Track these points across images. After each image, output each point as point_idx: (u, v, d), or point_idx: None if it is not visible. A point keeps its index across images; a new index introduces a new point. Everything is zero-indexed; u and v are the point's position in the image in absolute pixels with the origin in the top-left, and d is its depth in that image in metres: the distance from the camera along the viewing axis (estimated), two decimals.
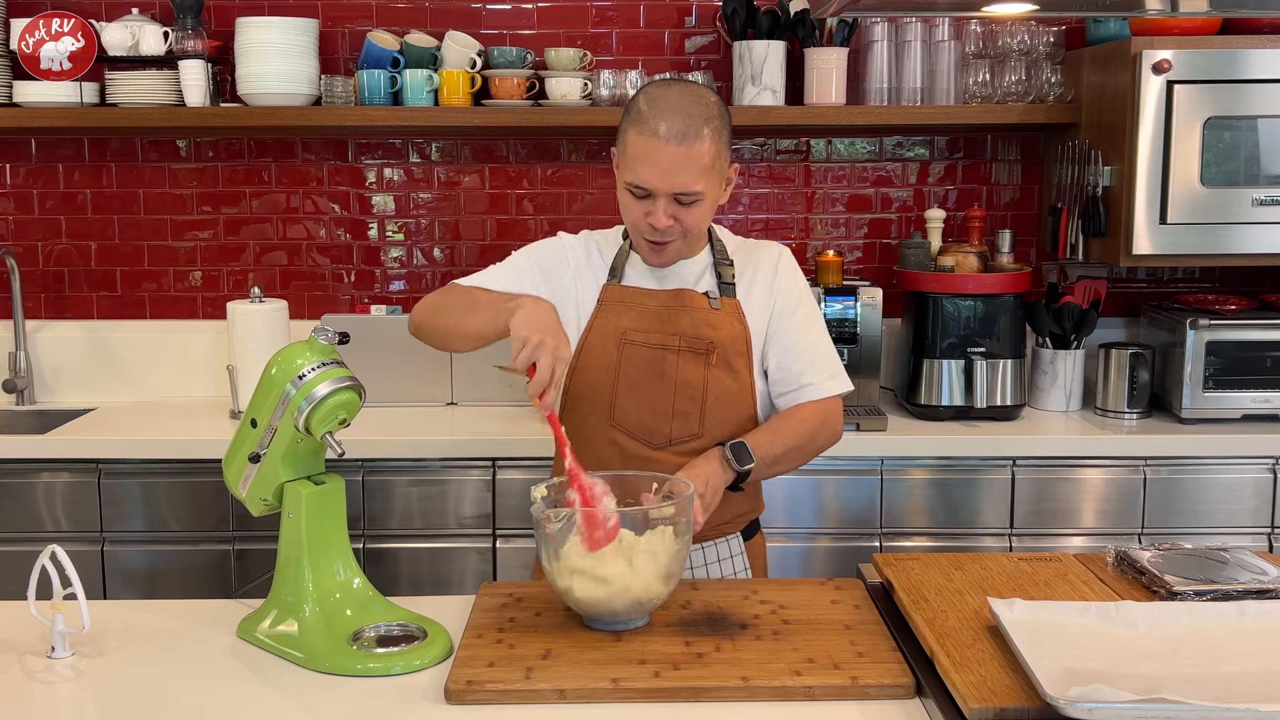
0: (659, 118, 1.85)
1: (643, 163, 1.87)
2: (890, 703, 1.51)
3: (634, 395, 2.00)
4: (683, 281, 2.03)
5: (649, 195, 1.89)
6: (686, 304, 2.01)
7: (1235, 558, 1.78)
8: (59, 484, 2.91)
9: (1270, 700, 1.31)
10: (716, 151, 1.89)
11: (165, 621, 1.80)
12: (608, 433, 2.01)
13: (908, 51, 3.24)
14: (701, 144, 1.86)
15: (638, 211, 1.92)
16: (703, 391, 1.99)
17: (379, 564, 2.92)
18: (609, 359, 2.00)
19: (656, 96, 1.89)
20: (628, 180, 1.90)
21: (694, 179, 1.87)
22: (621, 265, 2.04)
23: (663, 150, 1.85)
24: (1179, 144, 2.95)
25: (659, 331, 2.00)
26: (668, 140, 1.84)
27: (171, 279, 3.48)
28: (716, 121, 1.89)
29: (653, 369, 2.00)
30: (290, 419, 1.69)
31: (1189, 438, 2.97)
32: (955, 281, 3.11)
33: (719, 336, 2.00)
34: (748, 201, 3.48)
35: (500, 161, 3.45)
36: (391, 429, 2.96)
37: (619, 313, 2.02)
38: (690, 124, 1.85)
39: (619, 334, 2.01)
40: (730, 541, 2.09)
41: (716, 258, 2.05)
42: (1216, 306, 3.20)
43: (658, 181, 1.87)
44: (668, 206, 1.88)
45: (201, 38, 3.19)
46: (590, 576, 1.64)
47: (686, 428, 2.00)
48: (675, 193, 1.87)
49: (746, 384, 2.03)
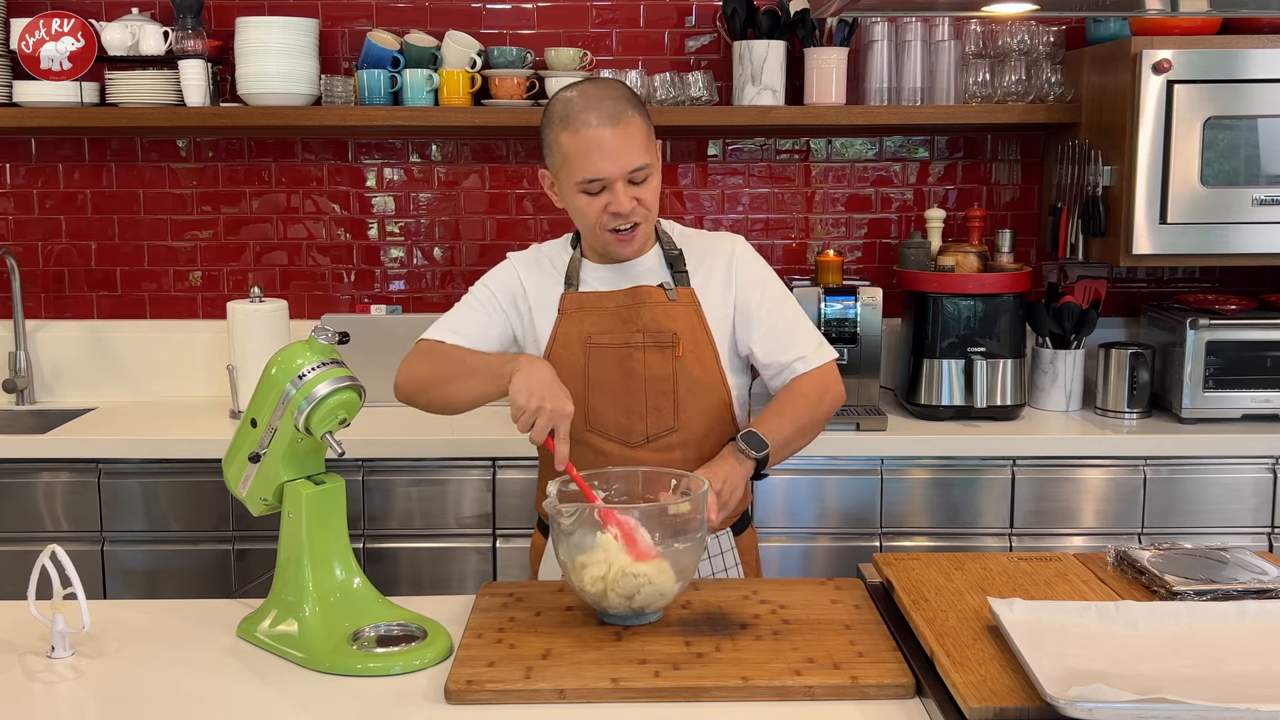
0: (586, 110, 1.90)
1: (590, 155, 1.90)
2: (890, 703, 1.51)
3: (606, 396, 2.02)
4: (638, 279, 2.05)
5: (604, 187, 1.92)
6: (644, 299, 2.03)
7: (1235, 558, 1.78)
8: (59, 484, 2.91)
9: (1270, 700, 1.31)
10: (646, 126, 1.95)
11: (165, 621, 1.80)
12: (585, 437, 2.02)
13: (908, 51, 3.24)
14: (633, 121, 1.92)
15: (596, 207, 1.94)
16: (673, 384, 2.01)
17: (379, 564, 2.92)
18: (576, 364, 2.02)
19: (571, 97, 1.94)
20: (579, 179, 1.92)
21: (639, 154, 1.92)
22: (576, 273, 2.06)
23: (603, 136, 1.89)
24: (1179, 144, 2.95)
25: (621, 330, 2.02)
26: (604, 125, 1.89)
27: (171, 279, 3.48)
28: (633, 99, 1.96)
29: (621, 367, 2.01)
30: (290, 419, 1.69)
31: (1189, 438, 2.97)
32: (955, 281, 3.11)
33: (679, 327, 2.02)
34: (747, 201, 3.48)
35: (500, 161, 3.45)
36: (391, 429, 2.95)
37: (580, 318, 2.04)
38: (616, 106, 1.91)
39: (583, 338, 2.03)
40: (720, 538, 2.10)
41: (665, 249, 2.07)
42: (1216, 306, 3.20)
43: (610, 167, 1.90)
44: (626, 189, 1.92)
45: (201, 37, 3.19)
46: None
47: (662, 422, 2.02)
48: (628, 171, 1.91)
49: (714, 372, 2.05)
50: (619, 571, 1.64)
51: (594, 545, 1.67)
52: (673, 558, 1.67)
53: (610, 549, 1.66)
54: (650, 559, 1.66)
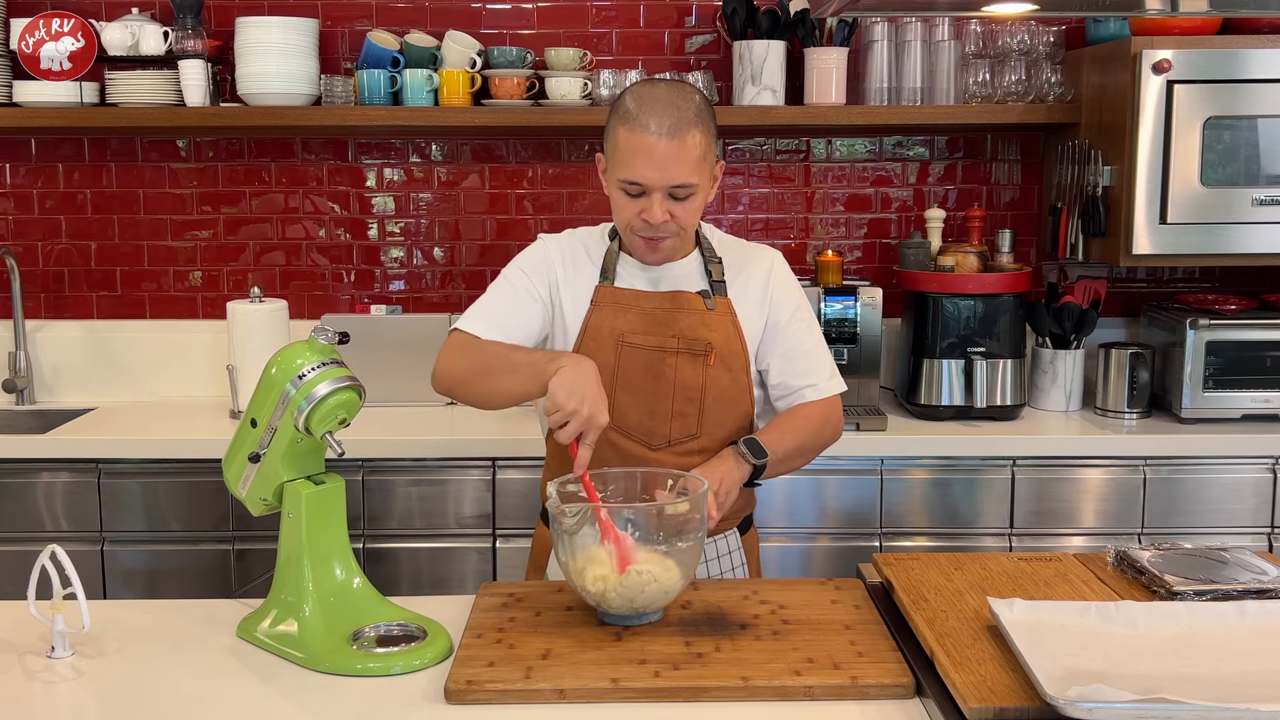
0: (649, 114, 1.87)
1: (637, 159, 1.87)
2: (890, 703, 1.51)
3: (632, 397, 2.00)
4: (676, 283, 2.03)
5: (643, 192, 1.90)
6: (682, 305, 2.01)
7: (1235, 558, 1.78)
8: (59, 484, 2.91)
9: (1270, 700, 1.31)
10: (706, 145, 1.91)
11: (165, 621, 1.80)
12: (607, 435, 2.00)
13: (908, 51, 3.24)
14: (692, 138, 1.87)
15: (632, 210, 1.92)
16: (701, 393, 2.00)
17: (379, 564, 2.92)
18: (606, 360, 2.00)
19: (644, 94, 1.90)
20: (621, 178, 1.90)
21: (687, 172, 1.88)
22: (612, 266, 2.04)
23: (656, 145, 1.86)
24: (1179, 144, 2.95)
25: (656, 334, 2.00)
26: (660, 135, 1.86)
27: (171, 279, 3.48)
28: (704, 116, 1.91)
29: (651, 371, 2.00)
30: (290, 419, 1.69)
31: (1189, 438, 2.97)
32: (955, 281, 3.11)
33: (715, 337, 2.01)
34: (748, 201, 3.48)
35: (500, 161, 3.45)
36: (391, 429, 2.95)
37: (614, 314, 2.01)
38: (680, 118, 1.87)
39: (615, 336, 2.01)
40: (729, 538, 2.11)
41: (705, 256, 2.06)
42: (1216, 306, 3.20)
43: (653, 177, 1.87)
44: (663, 202, 1.89)
45: (201, 37, 3.19)
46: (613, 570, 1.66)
47: (685, 428, 2.01)
48: (670, 186, 1.88)
49: (743, 384, 2.04)
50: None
51: (595, 546, 1.67)
52: (676, 557, 1.68)
53: (610, 555, 1.67)
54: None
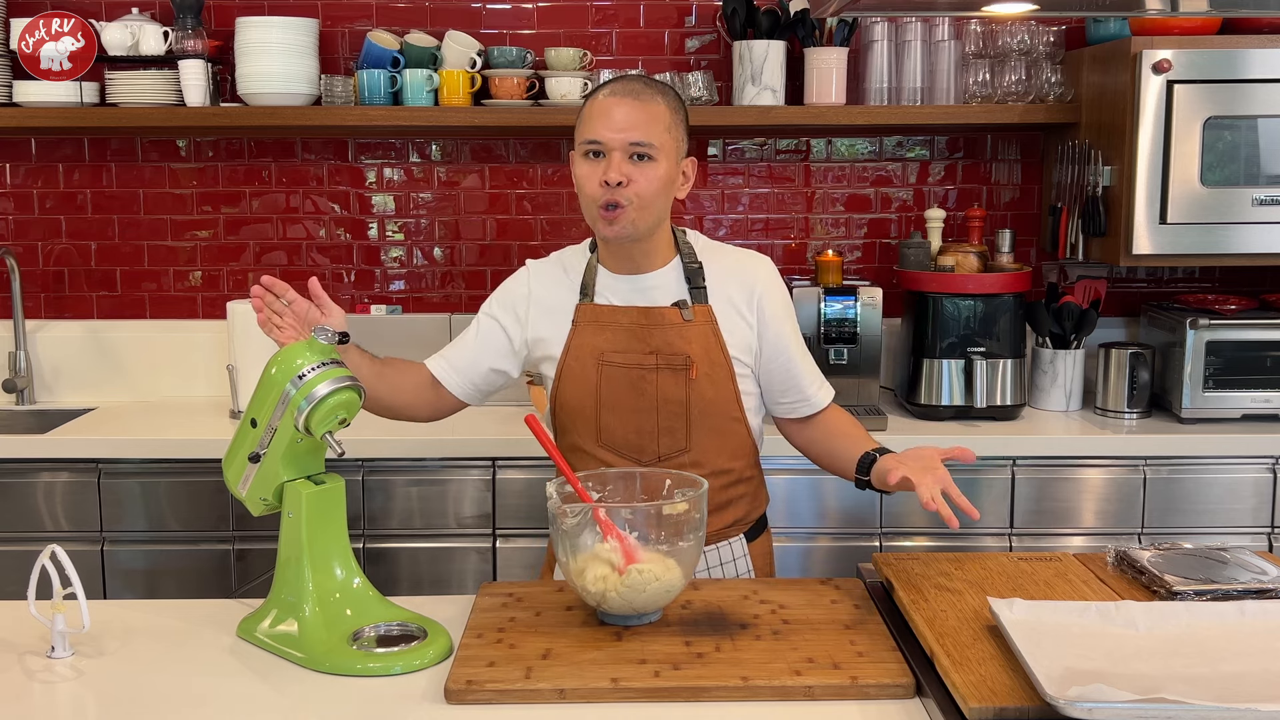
0: (615, 84, 1.93)
1: (596, 120, 1.90)
2: (890, 702, 1.51)
3: (617, 415, 2.00)
4: (652, 297, 2.01)
5: (602, 154, 1.90)
6: (657, 320, 1.99)
7: (1235, 557, 1.78)
8: (59, 484, 2.91)
9: (1270, 700, 1.31)
10: (671, 118, 1.92)
11: (165, 621, 1.80)
12: (597, 453, 2.01)
13: (908, 51, 3.24)
14: (655, 104, 1.90)
15: (594, 179, 1.91)
16: (685, 407, 1.99)
17: (379, 564, 2.92)
18: (589, 379, 2.00)
19: (613, 79, 1.97)
20: (581, 140, 1.92)
21: (646, 132, 1.89)
22: (591, 283, 2.03)
23: (617, 105, 1.89)
24: (1179, 144, 2.95)
25: (635, 350, 1.99)
26: (620, 96, 1.89)
27: (171, 279, 3.48)
28: (671, 100, 1.95)
29: (633, 388, 1.99)
30: (290, 419, 1.69)
31: (1189, 437, 2.97)
32: (955, 281, 3.11)
33: (694, 349, 1.98)
34: (748, 201, 3.48)
35: (500, 161, 3.45)
36: (391, 429, 2.93)
37: (594, 332, 2.01)
38: (645, 87, 1.92)
39: (596, 354, 2.00)
40: (733, 544, 2.09)
41: (685, 261, 2.03)
42: (1216, 306, 3.20)
43: (610, 134, 1.88)
44: (622, 163, 1.88)
45: (201, 37, 3.19)
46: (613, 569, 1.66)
47: (674, 444, 2.00)
48: (629, 144, 1.88)
49: (729, 393, 2.01)
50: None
51: (596, 546, 1.68)
52: (677, 556, 1.68)
53: (612, 555, 1.66)
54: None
